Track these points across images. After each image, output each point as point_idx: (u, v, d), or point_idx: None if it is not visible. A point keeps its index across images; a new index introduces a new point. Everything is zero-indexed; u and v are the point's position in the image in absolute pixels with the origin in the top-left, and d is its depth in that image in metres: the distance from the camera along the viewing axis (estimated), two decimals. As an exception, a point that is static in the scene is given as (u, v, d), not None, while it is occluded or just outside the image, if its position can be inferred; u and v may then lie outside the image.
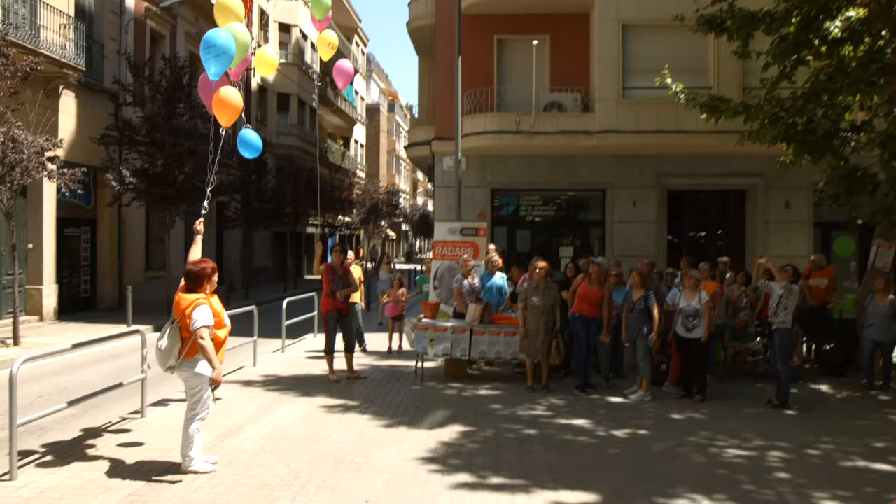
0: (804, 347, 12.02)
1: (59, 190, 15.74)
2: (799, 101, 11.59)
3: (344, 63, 10.01)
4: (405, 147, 25.25)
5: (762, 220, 17.56)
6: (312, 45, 37.92)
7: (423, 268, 13.70)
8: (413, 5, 20.62)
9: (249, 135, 7.80)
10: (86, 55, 18.15)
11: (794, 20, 11.24)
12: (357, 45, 52.56)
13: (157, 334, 5.96)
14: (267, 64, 8.45)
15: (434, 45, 19.15)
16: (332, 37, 9.21)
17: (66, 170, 13.98)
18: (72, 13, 18.00)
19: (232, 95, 7.09)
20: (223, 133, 7.42)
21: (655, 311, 9.55)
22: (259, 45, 7.80)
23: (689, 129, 15.75)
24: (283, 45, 35.10)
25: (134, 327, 14.28)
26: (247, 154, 7.89)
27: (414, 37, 21.10)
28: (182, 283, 5.94)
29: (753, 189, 17.66)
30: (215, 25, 6.99)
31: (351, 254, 11.56)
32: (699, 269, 10.62)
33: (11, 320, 13.53)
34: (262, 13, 31.58)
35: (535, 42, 16.69)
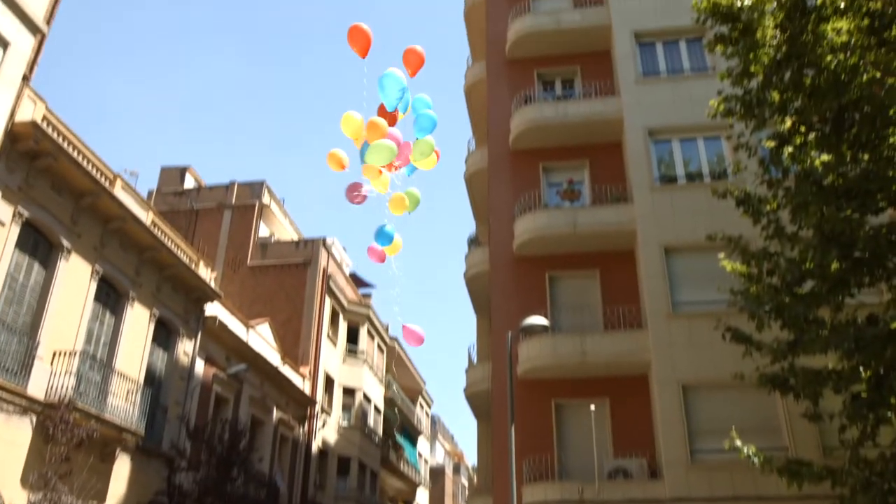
0: None
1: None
2: (890, 463, 10.46)
3: (414, 327, 9.42)
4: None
5: None
6: (376, 409, 38.39)
7: None
8: (470, 371, 20.91)
9: (387, 227, 7.45)
10: (148, 419, 18.44)
11: (863, 377, 10.65)
12: (421, 406, 53.19)
13: None
14: (412, 198, 7.87)
15: (491, 410, 18.93)
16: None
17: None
18: (142, 380, 18.73)
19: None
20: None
21: None
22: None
23: (769, 495, 14.31)
24: (346, 407, 35.63)
25: None
26: (382, 243, 7.54)
27: (472, 401, 21.07)
28: None
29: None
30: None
31: None
32: None
33: None
34: (328, 377, 32.61)
35: (592, 407, 16.32)
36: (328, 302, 32.77)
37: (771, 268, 11.61)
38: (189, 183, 35.76)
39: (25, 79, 14.86)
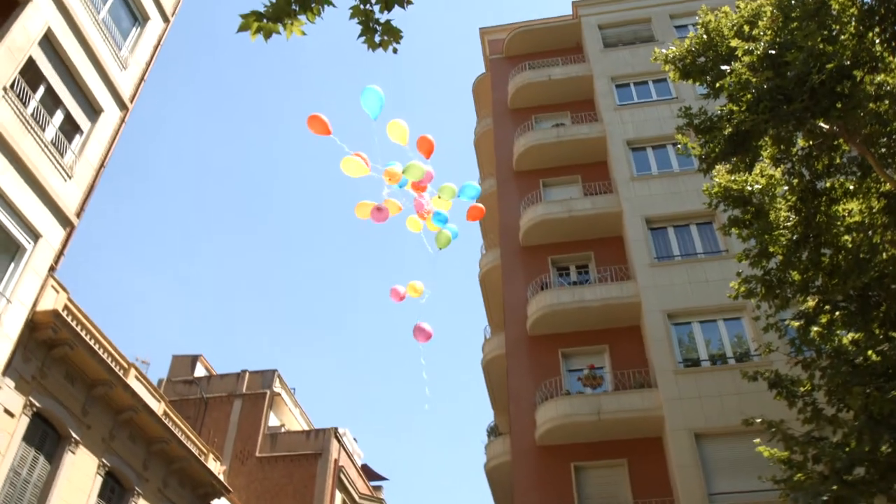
0: None
1: None
2: None
3: (424, 325, 9.00)
4: None
5: None
6: None
7: None
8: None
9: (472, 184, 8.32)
10: None
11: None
12: None
13: None
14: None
15: None
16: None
17: None
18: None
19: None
20: None
21: None
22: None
23: None
24: None
25: None
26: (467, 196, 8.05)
27: None
28: None
29: None
30: None
31: None
32: None
33: None
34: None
35: None
36: (339, 496, 31.18)
37: (816, 453, 10.96)
38: (200, 371, 35.41)
39: (52, 269, 15.08)
